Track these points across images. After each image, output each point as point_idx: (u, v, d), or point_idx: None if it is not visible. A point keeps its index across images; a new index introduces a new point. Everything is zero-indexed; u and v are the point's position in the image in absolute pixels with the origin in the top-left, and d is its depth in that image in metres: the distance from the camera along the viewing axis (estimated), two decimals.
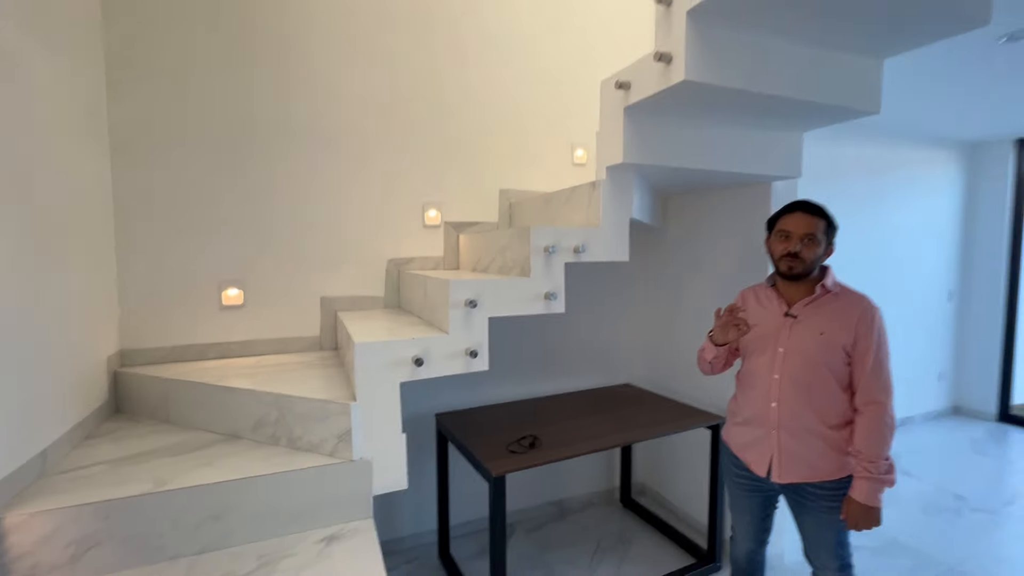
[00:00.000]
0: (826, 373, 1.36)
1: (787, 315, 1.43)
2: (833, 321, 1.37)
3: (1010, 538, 2.37)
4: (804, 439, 1.39)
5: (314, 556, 1.19)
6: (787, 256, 1.40)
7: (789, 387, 1.40)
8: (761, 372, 1.46)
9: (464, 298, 1.44)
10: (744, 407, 1.52)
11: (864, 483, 1.30)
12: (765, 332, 1.46)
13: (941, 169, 3.97)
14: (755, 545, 1.61)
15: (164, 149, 1.77)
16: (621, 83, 1.49)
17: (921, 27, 1.31)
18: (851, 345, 1.34)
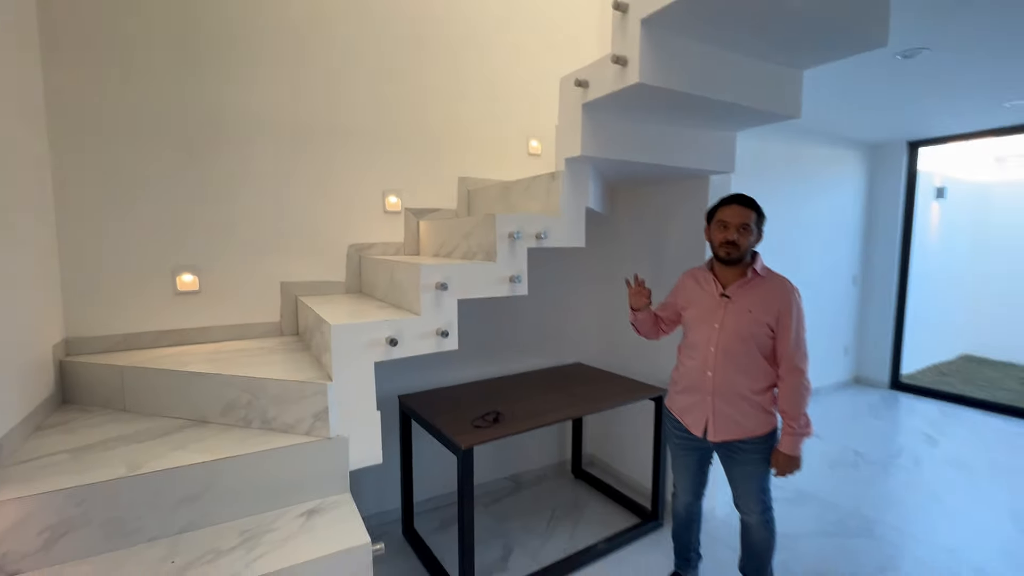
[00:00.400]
0: (753, 346, 1.57)
1: (722, 296, 1.62)
2: (760, 301, 1.57)
3: (896, 484, 2.79)
4: (734, 402, 1.60)
5: (297, 529, 1.24)
6: (725, 243, 1.59)
7: (723, 358, 1.60)
8: (699, 345, 1.65)
9: (435, 281, 1.52)
10: (684, 376, 1.72)
11: (788, 438, 1.55)
12: (704, 310, 1.66)
13: (847, 167, 4.45)
14: (693, 498, 1.83)
15: (112, 130, 1.69)
16: (580, 81, 1.60)
17: (833, 45, 1.52)
18: (775, 321, 1.56)
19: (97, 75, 1.65)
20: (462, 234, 1.84)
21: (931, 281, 5.10)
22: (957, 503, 2.59)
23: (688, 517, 1.86)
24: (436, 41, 2.27)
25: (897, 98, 3.16)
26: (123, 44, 1.68)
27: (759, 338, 1.56)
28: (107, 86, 1.67)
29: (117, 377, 1.57)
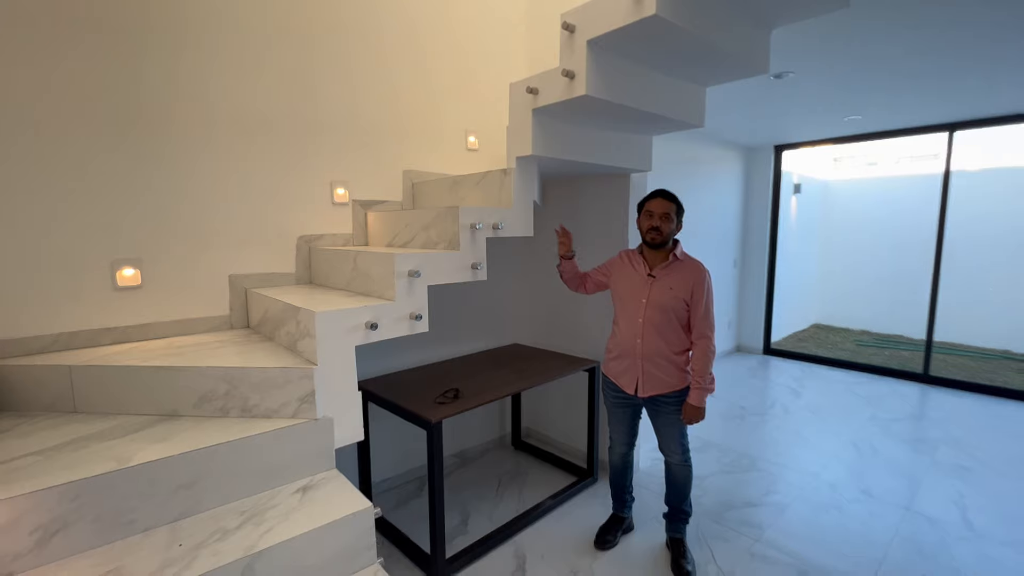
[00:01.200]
0: (673, 317, 1.89)
1: (649, 275, 1.93)
2: (679, 280, 1.89)
3: (772, 429, 3.41)
4: (658, 364, 1.92)
5: (296, 503, 1.32)
6: (651, 230, 1.88)
7: (649, 328, 1.91)
8: (630, 317, 1.95)
9: (408, 268, 1.64)
10: (617, 345, 2.01)
11: (695, 392, 1.88)
12: (633, 287, 1.96)
13: (729, 165, 5.16)
14: (627, 448, 2.15)
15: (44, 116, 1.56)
16: (531, 88, 1.80)
17: (730, 70, 1.88)
18: (689, 297, 1.88)
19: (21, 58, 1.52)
20: (421, 225, 1.96)
21: (791, 263, 6.09)
22: (815, 438, 3.25)
23: (623, 465, 2.18)
24: (379, 39, 2.33)
25: (768, 110, 3.77)
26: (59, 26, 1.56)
27: (677, 311, 1.89)
28: (32, 70, 1.54)
29: (64, 378, 1.48)
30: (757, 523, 2.31)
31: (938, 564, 2.03)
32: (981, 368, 5.22)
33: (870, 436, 3.28)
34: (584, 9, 1.60)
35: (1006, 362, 5.45)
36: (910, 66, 2.78)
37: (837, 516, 2.37)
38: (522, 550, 2.12)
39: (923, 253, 4.70)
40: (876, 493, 2.57)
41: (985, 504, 2.46)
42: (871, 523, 2.31)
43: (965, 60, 2.68)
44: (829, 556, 2.08)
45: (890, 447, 3.12)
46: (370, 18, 2.29)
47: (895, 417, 3.62)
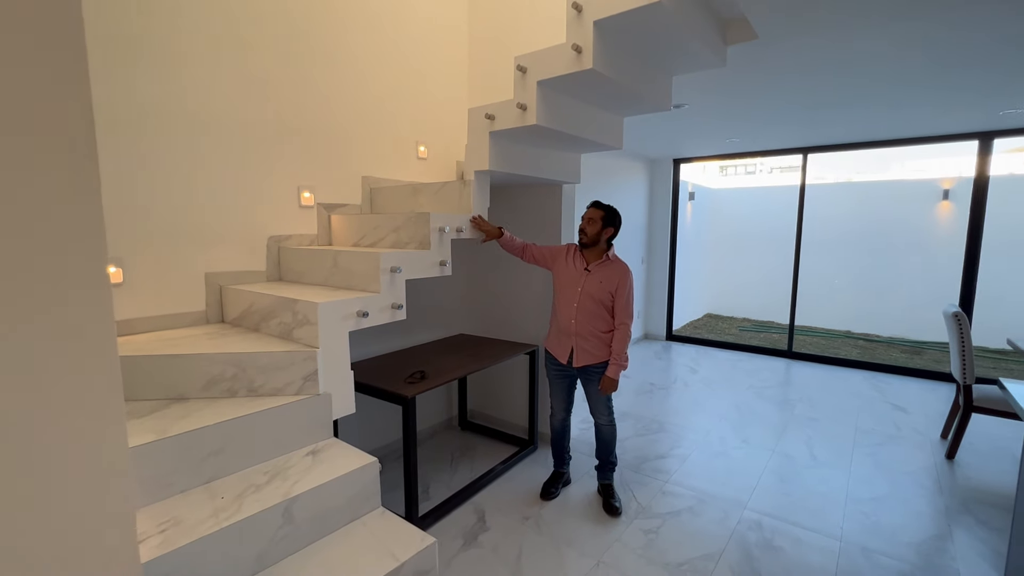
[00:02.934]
0: (600, 304, 2.34)
1: (586, 270, 2.36)
2: (608, 276, 2.33)
3: (675, 399, 4.08)
4: (588, 340, 2.36)
5: (310, 463, 1.57)
6: (580, 231, 2.35)
7: (582, 311, 2.35)
8: (567, 302, 2.39)
9: (391, 265, 1.92)
10: (555, 323, 2.47)
11: (613, 367, 2.33)
12: (571, 278, 2.38)
13: (637, 175, 5.88)
14: (565, 414, 2.59)
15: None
16: (489, 115, 2.16)
17: (640, 107, 2.38)
18: (614, 290, 2.33)
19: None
20: (391, 227, 2.23)
21: (687, 261, 7.02)
22: (708, 404, 3.95)
23: (563, 428, 2.62)
24: (340, 53, 2.54)
25: (668, 131, 4.46)
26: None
27: (604, 300, 2.34)
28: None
29: None
30: (666, 470, 2.87)
31: (793, 484, 2.71)
32: (829, 344, 6.46)
33: (749, 401, 4.05)
34: (535, 56, 2.00)
35: (847, 339, 6.77)
36: (771, 105, 3.53)
37: (725, 460, 3.00)
38: (480, 507, 2.47)
39: (787, 251, 5.73)
40: (752, 441, 3.26)
41: (825, 443, 3.25)
42: (748, 462, 2.97)
43: (814, 101, 3.47)
44: (720, 487, 2.68)
45: (762, 408, 3.89)
46: (332, 34, 2.50)
47: (767, 385, 4.46)
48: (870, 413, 3.79)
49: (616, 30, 1.88)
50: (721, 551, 2.16)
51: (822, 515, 2.43)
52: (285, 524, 1.37)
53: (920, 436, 3.37)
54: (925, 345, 6.42)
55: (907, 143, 4.67)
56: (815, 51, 2.51)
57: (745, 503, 2.53)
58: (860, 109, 3.62)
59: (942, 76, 2.86)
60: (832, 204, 7.20)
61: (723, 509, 2.48)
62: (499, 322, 3.33)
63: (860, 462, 2.98)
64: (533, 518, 2.39)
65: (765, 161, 10.31)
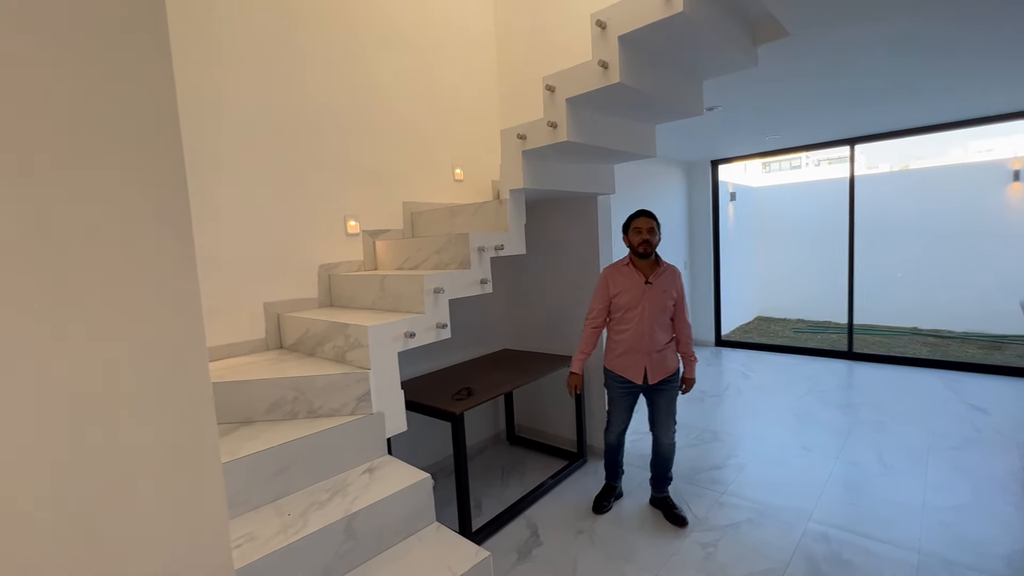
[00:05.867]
0: (666, 314, 2.33)
1: (647, 283, 2.31)
2: (668, 283, 2.33)
3: (728, 407, 3.95)
4: (662, 354, 2.34)
5: (368, 480, 1.64)
6: (643, 243, 2.28)
7: (652, 326, 2.30)
8: (634, 320, 2.32)
9: (434, 286, 2.00)
10: (623, 343, 2.37)
11: (690, 366, 2.41)
12: (634, 295, 2.32)
13: (674, 179, 5.80)
14: (623, 429, 2.54)
15: None
16: (521, 135, 2.22)
17: (672, 114, 2.38)
18: (676, 295, 2.34)
19: None
20: (432, 249, 2.32)
21: (733, 264, 6.81)
22: (763, 411, 3.80)
23: (618, 444, 2.57)
24: (379, 83, 2.68)
25: (703, 134, 4.39)
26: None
27: (669, 308, 2.33)
28: None
29: None
30: (722, 481, 2.78)
31: (862, 493, 2.56)
32: (894, 343, 6.07)
33: (808, 405, 3.87)
34: (563, 75, 2.05)
35: (914, 337, 6.34)
36: (810, 99, 3.42)
37: (785, 469, 2.88)
38: (533, 521, 2.48)
39: (841, 247, 5.46)
40: (814, 448, 3.11)
41: (896, 448, 3.05)
42: (811, 471, 2.83)
43: (857, 90, 3.34)
44: (780, 497, 2.57)
45: (823, 413, 3.71)
46: (370, 69, 2.65)
47: (827, 389, 4.25)
48: (945, 415, 3.54)
49: (641, 43, 1.90)
50: (786, 565, 2.07)
51: (897, 525, 2.28)
52: (347, 539, 1.44)
53: (1003, 438, 3.11)
54: (1005, 339, 5.92)
55: (968, 124, 4.38)
56: (852, 39, 2.43)
57: (810, 514, 2.41)
58: (910, 94, 3.45)
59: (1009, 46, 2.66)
60: (888, 194, 6.82)
61: (786, 521, 2.37)
62: (542, 336, 3.36)
63: (937, 468, 2.78)
64: (587, 532, 2.37)
65: (811, 154, 9.93)
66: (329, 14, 2.47)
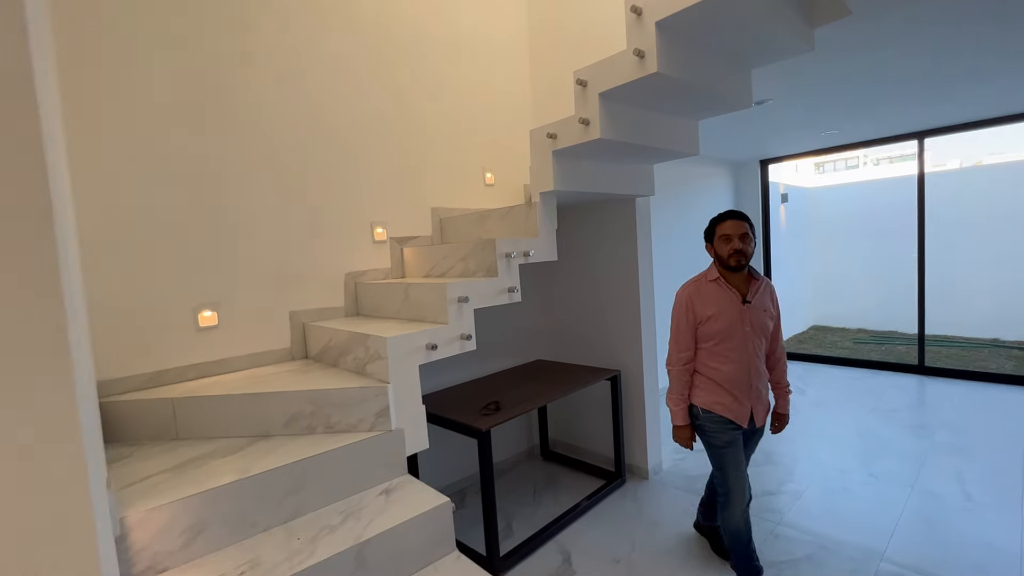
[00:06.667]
0: (767, 338, 1.90)
1: (746, 302, 1.84)
2: (766, 299, 1.89)
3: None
4: (764, 389, 1.92)
5: (384, 503, 1.54)
6: (735, 253, 1.80)
7: (756, 356, 1.85)
8: (736, 348, 1.83)
9: (458, 295, 1.88)
10: (724, 379, 1.84)
11: (784, 400, 2.00)
12: (731, 319, 1.83)
13: (720, 180, 5.50)
14: (747, 501, 1.89)
15: (133, 177, 1.82)
16: (551, 134, 2.09)
17: (717, 107, 2.18)
18: (775, 315, 1.93)
19: (115, 135, 1.79)
20: (459, 257, 2.22)
21: (785, 269, 6.39)
22: (823, 431, 3.47)
23: (746, 521, 1.89)
24: (407, 87, 2.62)
25: (751, 131, 4.11)
26: (142, 100, 1.83)
27: (769, 331, 1.89)
28: (129, 137, 1.81)
29: (168, 409, 1.71)
30: (777, 509, 2.52)
31: (945, 530, 2.24)
32: (973, 356, 5.48)
33: (873, 426, 3.50)
34: (595, 67, 1.90)
35: (996, 349, 5.72)
36: (874, 88, 3.11)
37: (848, 498, 2.58)
38: (565, 547, 2.31)
39: (908, 252, 4.99)
40: (882, 475, 2.78)
41: (982, 478, 2.68)
42: (880, 501, 2.52)
43: (931, 76, 3.01)
44: (844, 531, 2.28)
45: (892, 434, 3.34)
46: (397, 75, 2.59)
47: (895, 407, 3.84)
48: None
49: (681, 28, 1.73)
50: None
51: (990, 571, 1.97)
52: (358, 568, 1.33)
53: None
54: None
55: None
56: (924, 14, 2.16)
57: (882, 552, 2.13)
58: (987, 78, 3.08)
59: None
60: (958, 193, 6.23)
61: (853, 559, 2.10)
62: (578, 347, 3.19)
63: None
64: (624, 562, 2.18)
65: (869, 153, 9.27)
66: (357, 20, 2.43)
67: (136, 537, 1.21)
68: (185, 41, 1.93)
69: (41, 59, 0.74)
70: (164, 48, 1.88)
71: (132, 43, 1.81)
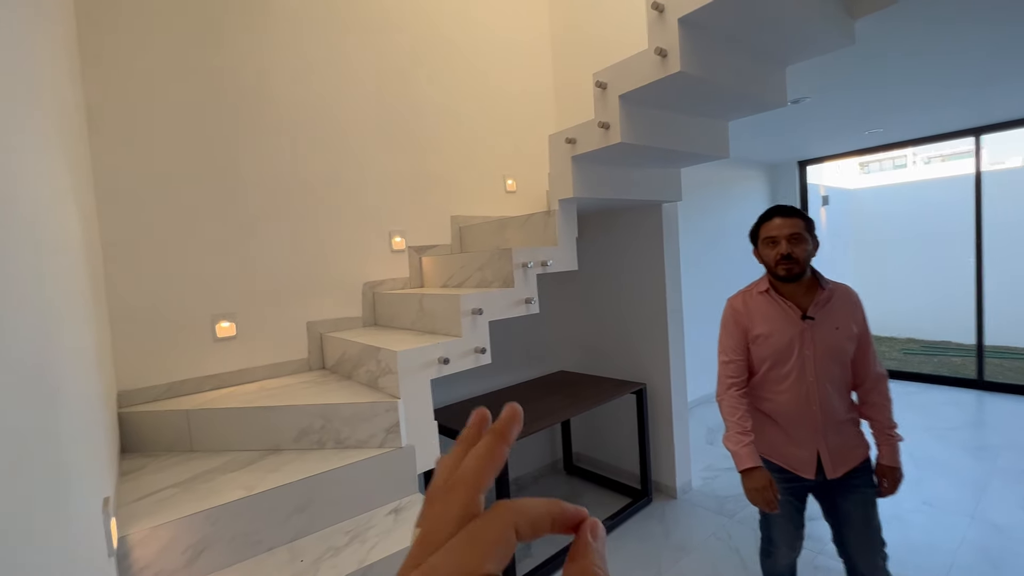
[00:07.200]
0: (842, 364, 1.46)
1: (806, 318, 1.45)
2: (840, 314, 1.46)
3: None
4: (842, 430, 1.47)
5: (392, 524, 1.48)
6: (783, 259, 1.44)
7: (825, 386, 1.44)
8: (792, 377, 1.46)
9: (472, 307, 1.82)
10: (777, 413, 1.50)
11: (889, 448, 1.46)
12: (786, 339, 1.47)
13: (755, 183, 5.27)
14: (795, 554, 1.62)
15: (150, 192, 1.84)
16: (569, 139, 2.01)
17: (748, 107, 2.05)
18: (859, 331, 1.47)
19: (140, 145, 1.82)
20: (476, 266, 2.16)
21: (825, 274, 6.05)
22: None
23: (794, 571, 1.68)
24: (426, 95, 2.60)
25: (788, 130, 3.91)
26: (162, 110, 1.86)
27: (848, 353, 1.46)
28: (147, 154, 1.83)
29: (182, 421, 1.71)
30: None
31: (1012, 567, 2.02)
32: None
33: (926, 446, 3.24)
34: (615, 69, 1.82)
35: None
36: (922, 83, 2.90)
37: (899, 527, 2.37)
38: None
39: (962, 256, 4.65)
40: (938, 503, 2.55)
41: None
42: (935, 532, 2.30)
43: (988, 67, 2.78)
44: (894, 565, 2.07)
45: (949, 456, 3.07)
46: (417, 80, 2.57)
47: (952, 426, 3.55)
48: None
49: (706, 25, 1.63)
50: None
51: None
52: None
53: None
54: None
55: None
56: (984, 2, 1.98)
57: None
58: None
59: None
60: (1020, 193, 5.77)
61: None
62: (603, 359, 3.08)
63: None
64: None
65: (918, 151, 8.75)
66: (375, 27, 2.42)
67: (139, 555, 1.19)
68: (203, 50, 1.95)
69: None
70: (185, 59, 1.91)
71: (153, 53, 1.84)
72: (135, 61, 1.81)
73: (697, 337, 4.33)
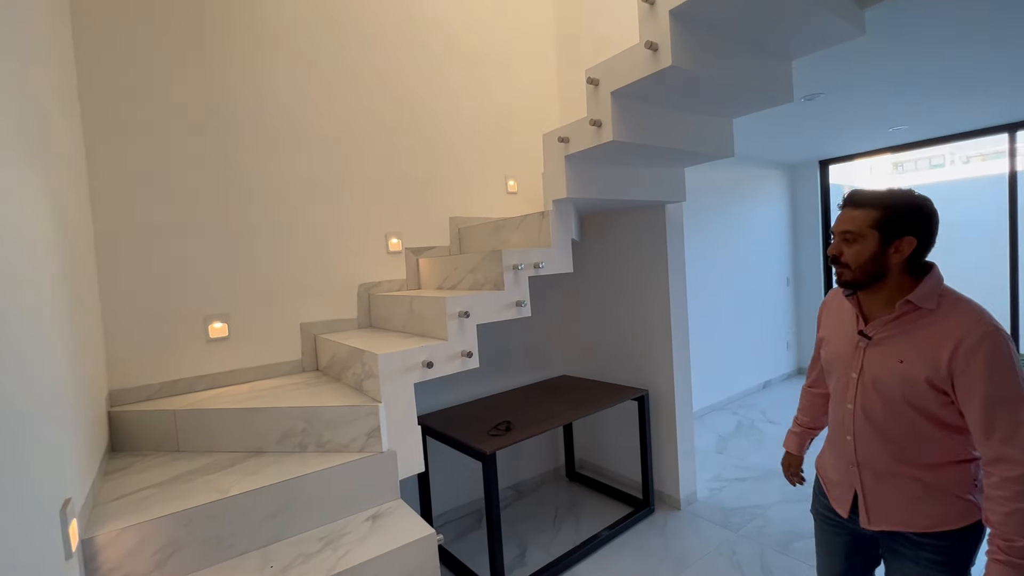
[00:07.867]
0: (910, 411, 1.09)
1: (861, 334, 1.16)
2: (918, 346, 1.07)
3: None
4: (890, 481, 1.14)
5: (368, 530, 1.45)
6: (834, 262, 1.17)
7: (863, 422, 1.16)
8: (836, 397, 1.24)
9: (458, 310, 1.79)
10: (829, 427, 1.30)
11: (996, 566, 0.97)
12: (838, 351, 1.23)
13: (773, 184, 5.10)
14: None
15: (147, 192, 1.86)
16: (562, 138, 1.95)
17: (752, 103, 1.96)
18: (942, 379, 1.03)
19: (136, 145, 1.84)
20: (468, 268, 2.12)
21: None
22: None
23: None
24: (425, 95, 2.58)
25: (805, 129, 3.76)
26: (155, 112, 1.88)
27: (919, 402, 1.07)
28: (142, 155, 1.85)
29: (169, 421, 1.71)
30: None
31: None
32: None
33: None
34: (606, 65, 1.76)
35: None
36: (946, 76, 2.74)
37: None
38: None
39: (997, 258, 4.40)
40: None
41: None
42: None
43: (1012, 59, 2.61)
44: None
45: None
46: (416, 81, 2.55)
47: None
48: None
49: (700, 16, 1.56)
50: None
51: None
52: None
53: None
54: None
55: None
56: None
57: None
58: None
59: None
60: None
61: None
62: (605, 363, 3.01)
63: None
64: None
65: (958, 149, 8.34)
66: (374, 28, 2.42)
67: (107, 556, 1.19)
68: (201, 50, 1.97)
69: None
70: (182, 56, 1.92)
71: (150, 50, 1.87)
72: (134, 57, 1.83)
73: (711, 343, 4.21)
